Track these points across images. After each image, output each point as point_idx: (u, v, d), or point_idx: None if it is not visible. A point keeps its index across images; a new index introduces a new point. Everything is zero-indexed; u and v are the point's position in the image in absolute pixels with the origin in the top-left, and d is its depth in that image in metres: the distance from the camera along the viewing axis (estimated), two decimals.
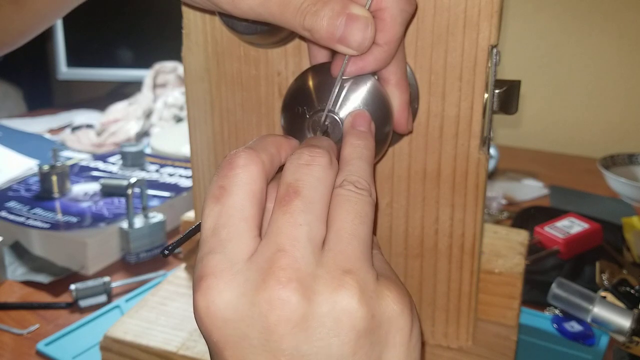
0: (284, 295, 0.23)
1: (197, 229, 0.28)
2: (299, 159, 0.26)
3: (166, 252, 0.28)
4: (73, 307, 0.58)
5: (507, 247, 0.49)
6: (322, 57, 0.35)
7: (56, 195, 0.76)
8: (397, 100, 0.33)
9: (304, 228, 0.24)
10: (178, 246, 0.28)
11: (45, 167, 0.76)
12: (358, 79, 0.32)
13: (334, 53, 0.32)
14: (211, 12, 0.40)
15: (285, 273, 0.23)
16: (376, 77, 0.33)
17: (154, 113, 1.15)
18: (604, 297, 0.52)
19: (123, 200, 0.74)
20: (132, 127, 1.09)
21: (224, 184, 0.26)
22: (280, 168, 0.28)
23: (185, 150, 0.96)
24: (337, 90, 0.32)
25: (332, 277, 0.24)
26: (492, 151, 0.92)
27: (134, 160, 0.88)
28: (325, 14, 0.29)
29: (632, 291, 0.55)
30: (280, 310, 0.23)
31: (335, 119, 0.32)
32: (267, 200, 0.27)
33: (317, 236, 0.25)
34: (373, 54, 0.31)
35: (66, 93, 1.79)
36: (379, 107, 0.32)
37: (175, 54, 0.58)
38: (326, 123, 0.32)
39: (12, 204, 0.73)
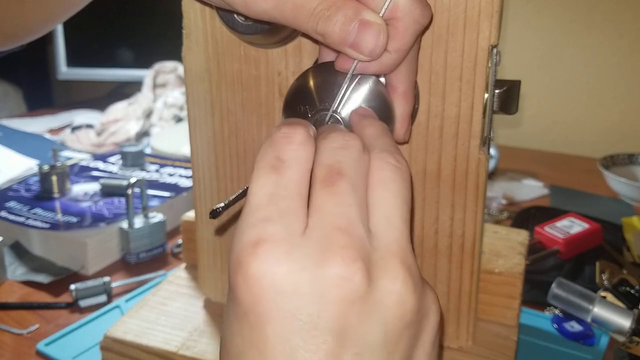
0: (348, 273, 0.22)
1: (245, 193, 0.28)
2: (333, 142, 0.26)
3: (219, 209, 0.28)
4: (73, 307, 0.58)
5: (507, 247, 0.49)
6: (331, 58, 0.35)
7: (56, 195, 0.76)
8: (400, 109, 0.33)
9: (354, 208, 0.24)
10: (228, 207, 0.28)
11: (45, 167, 0.76)
12: (362, 80, 0.32)
13: None
14: (214, 7, 0.39)
15: (348, 252, 0.23)
16: (384, 81, 0.33)
17: (154, 113, 1.15)
18: (604, 297, 0.52)
19: (123, 200, 0.74)
20: (132, 127, 1.09)
21: (282, 155, 0.25)
22: None
23: (185, 150, 0.95)
24: (343, 92, 0.32)
25: (388, 265, 0.23)
26: (492, 151, 0.92)
27: (134, 160, 0.88)
28: (338, 20, 0.29)
29: (632, 291, 0.55)
30: (342, 288, 0.22)
31: (338, 118, 0.32)
32: None
33: (365, 217, 0.24)
34: (380, 58, 0.31)
35: (66, 93, 1.79)
36: (381, 109, 0.32)
37: (175, 54, 0.58)
38: (329, 123, 0.32)
39: (12, 204, 0.73)
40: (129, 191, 0.65)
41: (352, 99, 0.32)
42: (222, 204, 0.28)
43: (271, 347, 0.22)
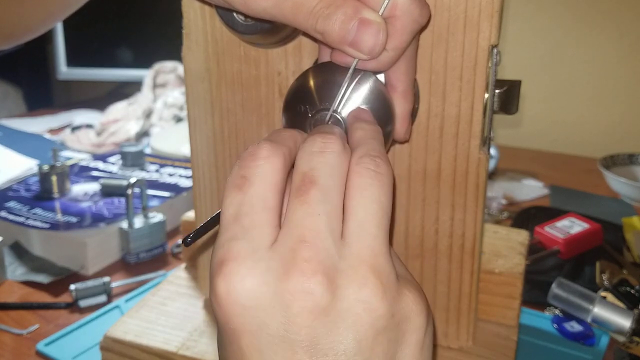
0: (308, 287, 0.23)
1: (217, 218, 0.28)
2: (312, 147, 0.26)
3: (189, 240, 0.28)
4: (73, 307, 0.58)
5: (507, 247, 0.49)
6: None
7: (56, 195, 0.76)
8: (400, 108, 0.33)
9: (322, 218, 0.24)
10: (198, 236, 0.28)
11: (45, 167, 0.76)
12: (362, 80, 0.32)
13: None
14: (213, 6, 0.39)
15: (309, 265, 0.23)
16: (383, 81, 0.33)
17: (154, 113, 1.15)
18: (604, 297, 0.52)
19: (123, 200, 0.74)
20: (132, 127, 1.08)
21: (246, 173, 0.25)
22: None
23: (185, 150, 0.95)
24: (343, 91, 0.32)
25: (356, 273, 0.24)
26: (493, 151, 0.92)
27: (134, 160, 0.88)
28: (337, 18, 0.29)
29: (632, 291, 0.55)
30: (303, 302, 0.23)
31: (338, 118, 0.32)
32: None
33: (336, 227, 0.25)
34: None
35: (66, 93, 1.79)
36: (381, 108, 0.32)
37: (175, 54, 0.58)
38: (329, 122, 0.32)
39: (12, 204, 0.73)
40: (129, 191, 0.64)
41: (352, 99, 0.32)
42: (192, 232, 0.28)
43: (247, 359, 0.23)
